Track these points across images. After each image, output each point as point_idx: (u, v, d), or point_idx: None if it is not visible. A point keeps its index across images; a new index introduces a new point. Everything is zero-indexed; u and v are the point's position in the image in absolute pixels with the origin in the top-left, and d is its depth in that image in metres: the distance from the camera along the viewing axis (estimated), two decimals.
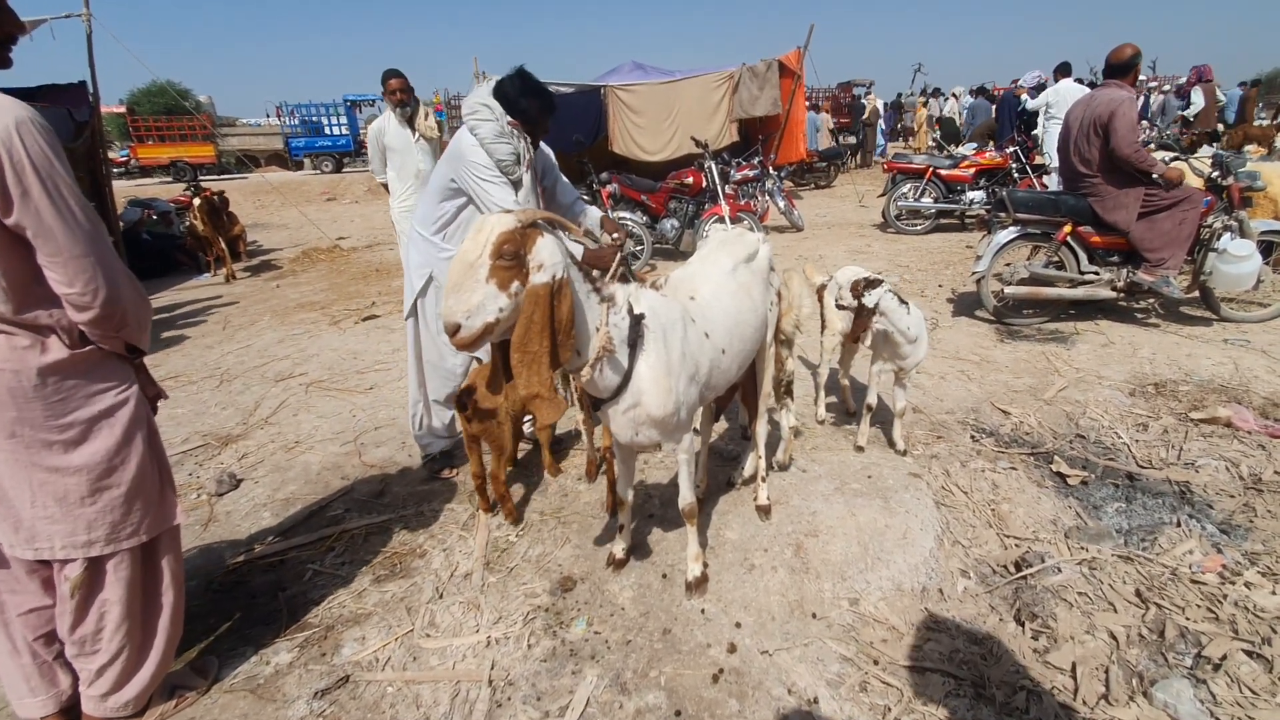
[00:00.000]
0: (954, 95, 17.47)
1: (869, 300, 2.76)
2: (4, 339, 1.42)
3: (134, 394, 1.62)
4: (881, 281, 2.82)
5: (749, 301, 2.17)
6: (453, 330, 1.53)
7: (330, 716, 1.79)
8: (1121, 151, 4.18)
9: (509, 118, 2.49)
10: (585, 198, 3.08)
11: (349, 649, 2.02)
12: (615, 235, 2.63)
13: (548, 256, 1.56)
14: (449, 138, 4.68)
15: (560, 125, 3.86)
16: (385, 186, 5.11)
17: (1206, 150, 5.40)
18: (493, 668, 1.92)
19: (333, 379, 4.29)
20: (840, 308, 2.95)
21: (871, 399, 3.09)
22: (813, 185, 14.00)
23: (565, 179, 2.98)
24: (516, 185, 2.54)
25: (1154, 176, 4.27)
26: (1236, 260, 4.21)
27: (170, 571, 1.75)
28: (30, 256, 1.38)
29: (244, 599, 2.27)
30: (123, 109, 21.88)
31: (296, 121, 21.70)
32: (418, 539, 2.54)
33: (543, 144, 2.78)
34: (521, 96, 2.47)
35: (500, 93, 2.48)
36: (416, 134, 4.73)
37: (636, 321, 1.79)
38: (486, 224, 1.52)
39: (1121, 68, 4.39)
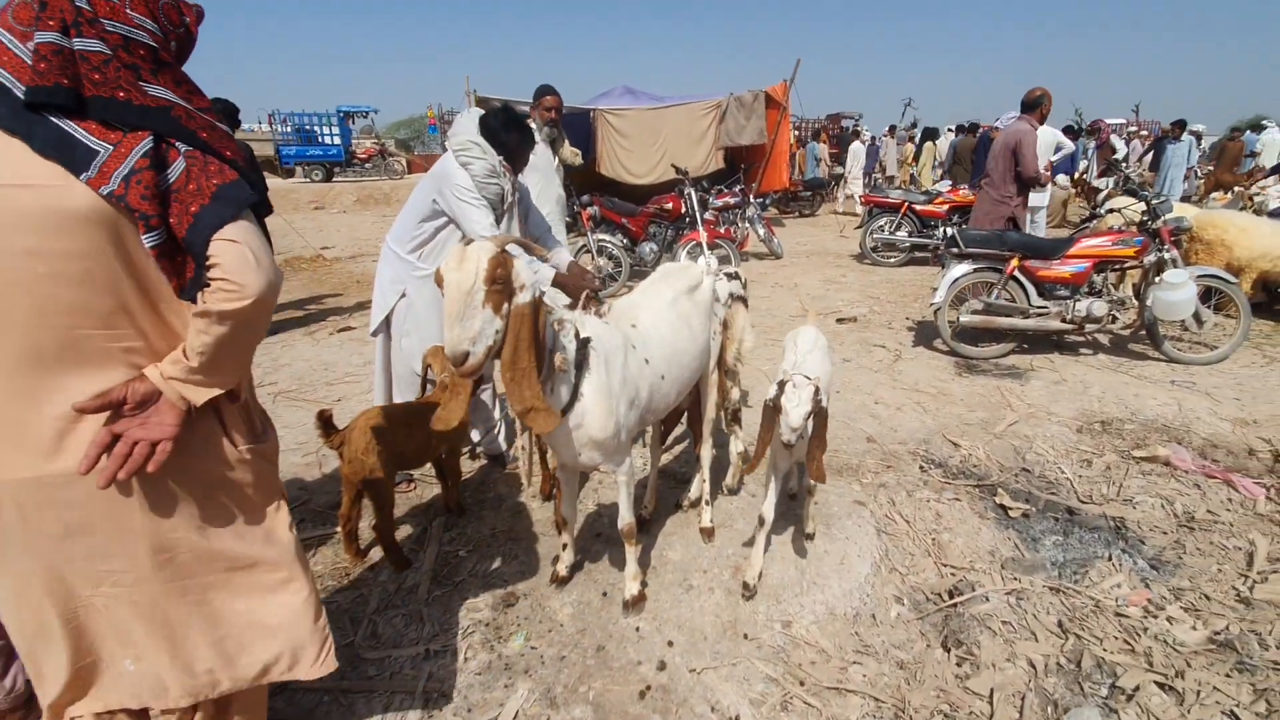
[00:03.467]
0: (949, 131, 17.83)
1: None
2: None
3: None
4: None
5: (688, 331, 2.26)
6: (461, 359, 1.57)
7: None
8: (1027, 173, 5.12)
9: (499, 157, 2.59)
10: (567, 224, 3.16)
11: None
12: (589, 275, 2.68)
13: (527, 277, 1.65)
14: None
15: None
16: None
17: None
18: (427, 679, 1.96)
19: (301, 389, 4.32)
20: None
21: (768, 512, 2.37)
22: (797, 214, 14.24)
23: (542, 215, 3.09)
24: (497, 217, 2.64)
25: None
26: (1172, 288, 4.46)
27: None
28: None
29: None
30: None
31: (289, 129, 21.71)
32: (369, 551, 2.58)
33: (520, 177, 2.88)
34: (503, 129, 2.58)
35: (485, 126, 2.59)
36: (557, 160, 4.17)
37: (583, 345, 1.87)
38: (471, 253, 1.56)
39: (1029, 105, 5.24)
